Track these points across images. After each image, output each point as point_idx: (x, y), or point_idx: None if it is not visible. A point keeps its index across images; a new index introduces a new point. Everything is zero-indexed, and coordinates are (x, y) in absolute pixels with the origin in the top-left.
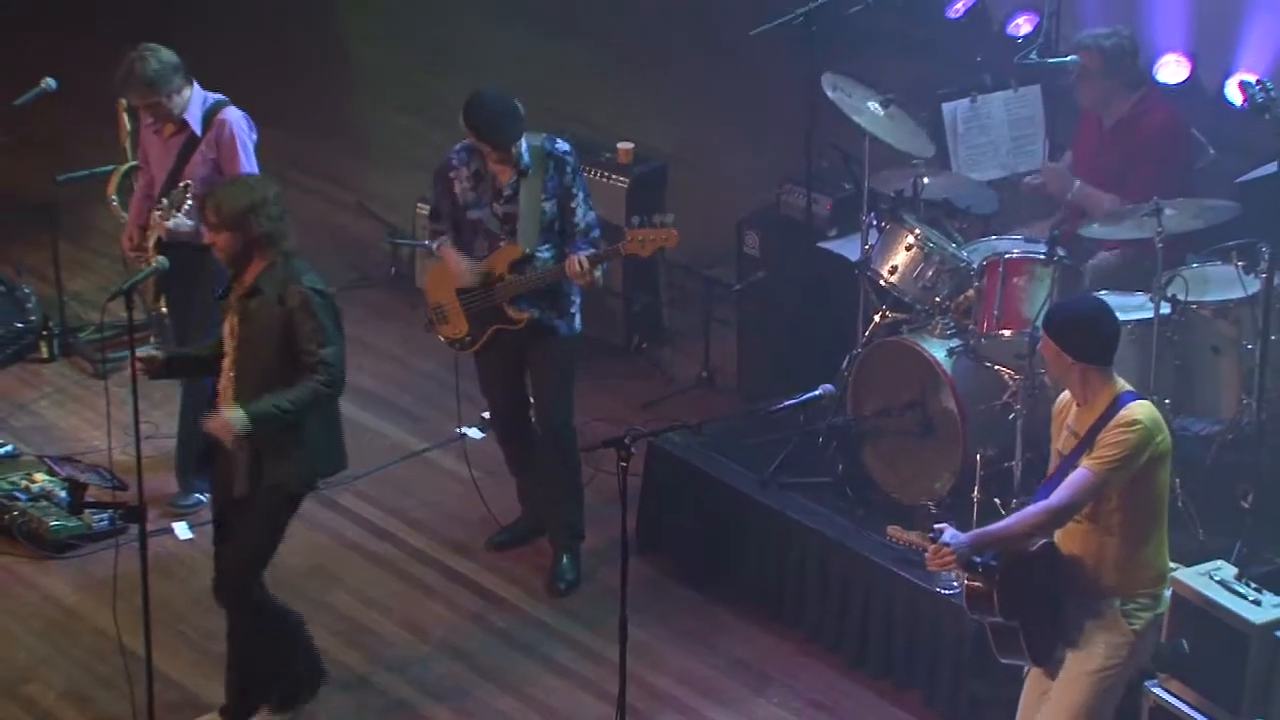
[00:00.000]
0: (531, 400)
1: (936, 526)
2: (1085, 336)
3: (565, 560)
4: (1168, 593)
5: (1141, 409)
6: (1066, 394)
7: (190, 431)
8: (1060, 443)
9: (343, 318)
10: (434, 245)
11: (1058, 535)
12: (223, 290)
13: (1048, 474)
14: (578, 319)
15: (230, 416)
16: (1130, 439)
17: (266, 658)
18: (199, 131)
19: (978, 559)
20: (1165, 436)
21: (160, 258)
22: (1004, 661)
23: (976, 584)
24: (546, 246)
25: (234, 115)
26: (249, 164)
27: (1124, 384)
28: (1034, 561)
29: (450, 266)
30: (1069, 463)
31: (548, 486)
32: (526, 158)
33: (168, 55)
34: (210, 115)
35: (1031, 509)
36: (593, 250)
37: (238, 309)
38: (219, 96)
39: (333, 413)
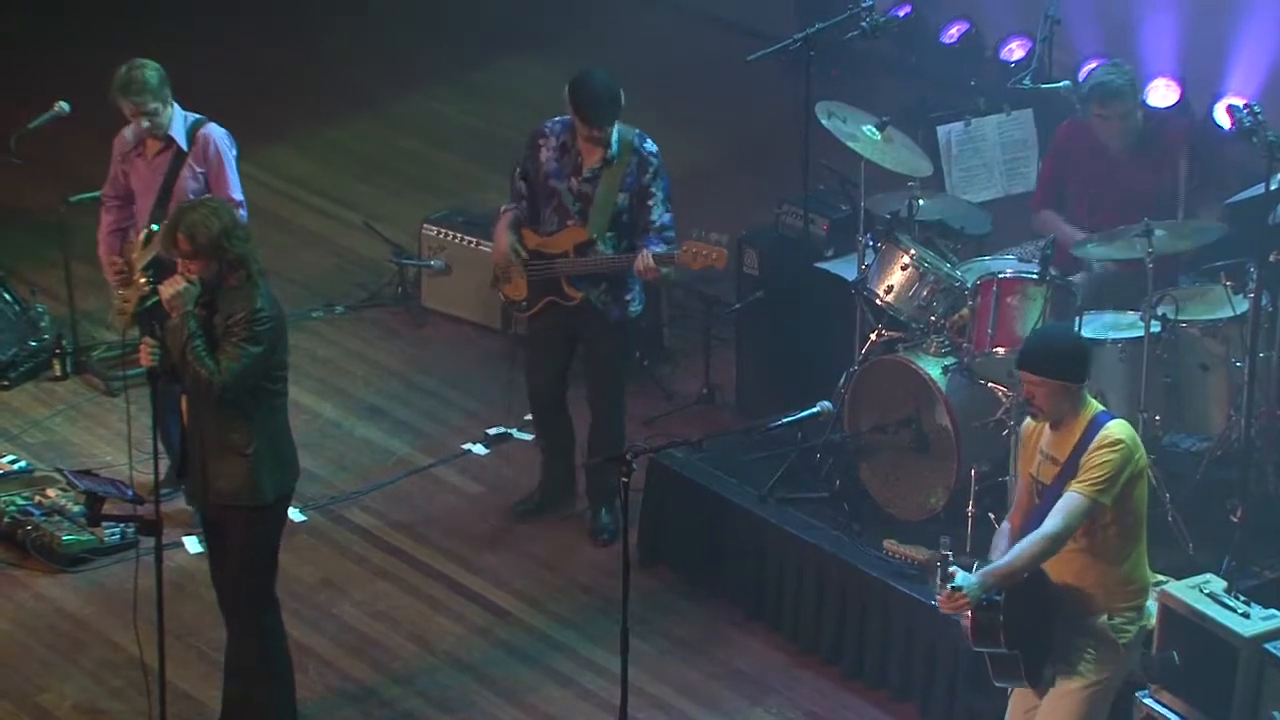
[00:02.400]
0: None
1: (942, 553)
2: (1075, 359)
3: (604, 514)
4: (1151, 604)
5: (1120, 428)
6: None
7: (169, 439)
8: (1035, 468)
9: (285, 333)
10: (502, 207)
11: None
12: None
13: (1016, 499)
14: (633, 304)
15: (179, 288)
16: (1115, 458)
17: (260, 681)
18: (185, 146)
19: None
20: (1142, 454)
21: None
22: (998, 684)
23: (984, 619)
24: (611, 235)
25: (216, 131)
26: (234, 178)
27: (1097, 404)
28: (1026, 588)
29: (496, 234)
30: (1054, 491)
31: (595, 454)
32: (616, 148)
33: (158, 67)
34: (193, 132)
35: (1029, 540)
36: (664, 247)
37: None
38: (198, 115)
39: (280, 429)
